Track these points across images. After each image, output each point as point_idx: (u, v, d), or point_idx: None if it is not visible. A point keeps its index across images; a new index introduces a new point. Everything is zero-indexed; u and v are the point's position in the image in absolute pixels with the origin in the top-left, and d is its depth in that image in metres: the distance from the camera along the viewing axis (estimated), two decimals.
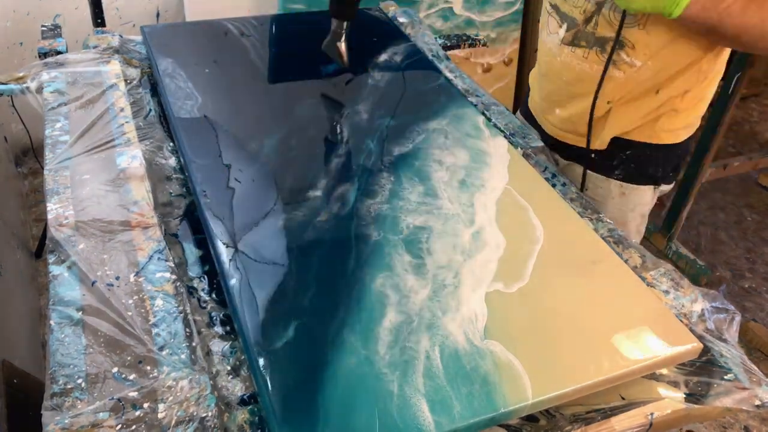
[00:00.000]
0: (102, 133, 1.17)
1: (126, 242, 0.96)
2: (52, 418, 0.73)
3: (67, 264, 0.91)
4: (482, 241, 1.00)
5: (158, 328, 0.84)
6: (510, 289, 0.92)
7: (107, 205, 1.02)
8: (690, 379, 0.87)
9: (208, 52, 1.42)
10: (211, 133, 1.17)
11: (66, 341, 0.81)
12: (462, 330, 0.85)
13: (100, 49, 1.42)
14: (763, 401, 0.84)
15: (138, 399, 0.75)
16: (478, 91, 1.48)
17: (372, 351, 0.82)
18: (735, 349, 0.91)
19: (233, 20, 1.56)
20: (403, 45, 1.53)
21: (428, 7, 2.50)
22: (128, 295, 0.88)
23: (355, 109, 1.28)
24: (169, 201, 1.07)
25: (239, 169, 1.09)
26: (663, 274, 1.02)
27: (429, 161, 1.17)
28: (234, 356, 0.84)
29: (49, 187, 1.04)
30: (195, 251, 0.99)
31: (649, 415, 0.82)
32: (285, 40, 1.55)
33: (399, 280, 0.92)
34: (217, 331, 0.87)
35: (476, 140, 1.24)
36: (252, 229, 0.97)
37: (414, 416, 0.75)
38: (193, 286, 0.93)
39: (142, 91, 1.33)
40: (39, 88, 1.28)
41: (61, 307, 0.85)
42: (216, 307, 0.90)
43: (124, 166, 1.10)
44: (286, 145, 1.17)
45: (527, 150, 1.27)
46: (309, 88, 1.36)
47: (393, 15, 1.74)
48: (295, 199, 1.05)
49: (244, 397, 0.80)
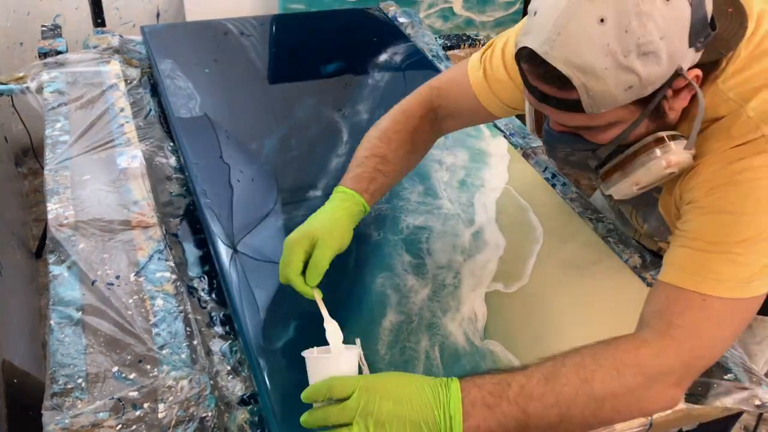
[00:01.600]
0: (102, 133, 1.17)
1: (126, 242, 0.96)
2: (52, 418, 0.73)
3: (67, 264, 0.91)
4: (482, 241, 1.00)
5: (158, 328, 0.84)
6: (510, 289, 0.92)
7: (107, 205, 1.02)
8: None
9: (208, 52, 1.42)
10: (211, 133, 1.17)
11: (66, 341, 0.81)
12: (462, 330, 0.85)
13: (100, 49, 1.42)
14: (763, 401, 0.84)
15: (138, 399, 0.75)
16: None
17: (372, 351, 0.82)
18: (735, 349, 0.91)
19: (233, 20, 1.56)
20: (403, 45, 1.53)
21: (428, 7, 2.50)
22: (128, 295, 0.88)
23: (356, 109, 1.28)
24: (169, 201, 1.07)
25: (239, 169, 1.09)
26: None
27: (429, 161, 1.17)
28: (234, 356, 0.84)
29: (49, 187, 1.04)
30: (195, 251, 0.99)
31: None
32: (285, 40, 1.55)
33: (399, 280, 0.92)
34: (217, 331, 0.87)
35: (476, 140, 1.24)
36: (252, 229, 0.97)
37: None
38: (193, 286, 0.93)
39: (142, 91, 1.33)
40: (39, 88, 1.28)
41: (61, 307, 0.85)
42: (216, 307, 0.90)
43: (124, 166, 1.10)
44: (286, 145, 1.17)
45: (527, 150, 1.27)
46: (309, 88, 1.36)
47: (393, 15, 1.74)
48: (295, 199, 1.05)
49: (244, 397, 0.80)
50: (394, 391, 0.66)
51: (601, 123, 0.72)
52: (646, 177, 0.77)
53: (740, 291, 0.70)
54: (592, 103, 0.68)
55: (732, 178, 0.71)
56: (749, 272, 0.69)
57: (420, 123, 0.95)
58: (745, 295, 0.70)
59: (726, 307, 0.70)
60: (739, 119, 0.72)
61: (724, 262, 0.70)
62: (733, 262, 0.70)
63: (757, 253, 0.69)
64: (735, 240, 0.70)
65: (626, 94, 0.67)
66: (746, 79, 0.73)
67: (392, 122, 0.95)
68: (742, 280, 0.70)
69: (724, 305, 0.70)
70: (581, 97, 0.68)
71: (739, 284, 0.70)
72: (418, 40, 1.62)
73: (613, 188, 0.81)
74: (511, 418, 0.66)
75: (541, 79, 0.70)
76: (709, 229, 0.72)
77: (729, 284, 0.70)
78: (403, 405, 0.65)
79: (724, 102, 0.73)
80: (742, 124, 0.71)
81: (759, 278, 0.70)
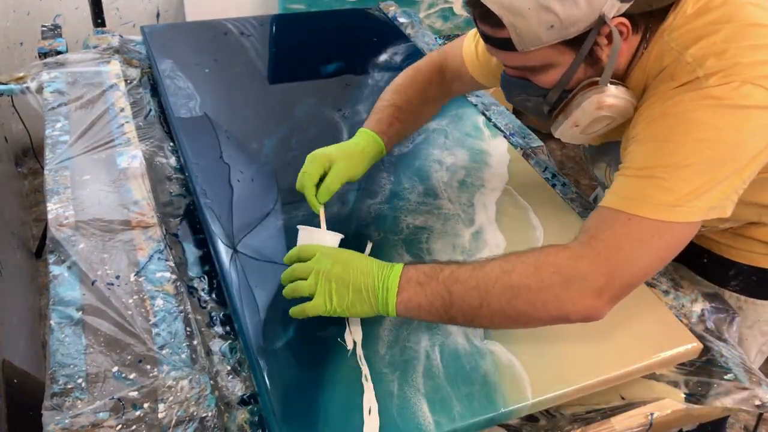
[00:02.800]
0: (102, 133, 1.17)
1: (126, 242, 0.96)
2: (52, 418, 0.73)
3: (67, 264, 0.91)
4: (482, 241, 1.00)
5: (158, 328, 0.84)
6: None
7: (107, 205, 1.02)
8: (690, 379, 0.87)
9: (208, 52, 1.42)
10: (211, 133, 1.17)
11: (66, 341, 0.81)
12: (462, 330, 0.85)
13: (100, 49, 1.42)
14: (763, 401, 0.84)
15: (138, 399, 0.75)
16: (478, 91, 1.48)
17: (372, 351, 0.82)
18: (735, 349, 0.91)
19: (233, 20, 1.56)
20: (403, 45, 1.53)
21: (428, 7, 2.50)
22: (128, 295, 0.88)
23: (356, 109, 1.28)
24: (169, 201, 1.07)
25: (239, 169, 1.09)
26: (663, 274, 1.02)
27: (429, 161, 1.17)
28: (234, 356, 0.84)
29: (49, 187, 1.04)
30: (195, 251, 0.99)
31: (649, 415, 0.82)
32: (285, 40, 1.55)
33: None
34: (217, 331, 0.87)
35: (476, 140, 1.24)
36: (252, 229, 0.97)
37: (414, 416, 0.75)
38: (193, 286, 0.93)
39: (142, 91, 1.33)
40: (39, 88, 1.28)
41: (61, 307, 0.85)
42: (216, 307, 0.90)
43: (124, 166, 1.10)
44: (286, 145, 1.17)
45: (527, 150, 1.27)
46: (309, 88, 1.36)
47: (393, 15, 1.74)
48: (295, 199, 1.05)
49: (244, 397, 0.80)
50: (346, 260, 0.80)
51: (536, 63, 0.81)
52: (582, 117, 0.84)
53: (664, 213, 0.74)
54: (520, 41, 0.77)
55: (665, 111, 0.76)
56: (673, 196, 0.74)
57: (430, 80, 1.09)
58: (668, 218, 0.74)
59: (648, 226, 0.74)
60: (679, 64, 0.77)
61: (650, 186, 0.75)
62: (657, 186, 0.74)
63: (680, 178, 0.74)
64: (660, 165, 0.74)
65: (549, 33, 0.75)
66: (688, 30, 0.78)
67: (405, 78, 1.09)
68: (665, 203, 0.74)
69: (646, 225, 0.74)
70: (511, 36, 0.76)
71: (662, 206, 0.74)
72: (418, 40, 1.62)
73: (558, 130, 0.89)
74: (438, 296, 0.76)
75: (480, 20, 0.79)
76: (640, 157, 0.77)
77: (652, 206, 0.74)
78: (350, 271, 0.78)
79: (668, 52, 0.79)
80: (681, 69, 0.77)
81: (684, 204, 0.74)
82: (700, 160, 0.73)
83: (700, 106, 0.74)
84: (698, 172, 0.73)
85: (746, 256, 1.01)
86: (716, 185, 0.74)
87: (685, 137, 0.74)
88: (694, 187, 0.73)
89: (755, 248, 1.00)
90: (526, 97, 0.88)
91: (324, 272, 0.78)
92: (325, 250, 0.81)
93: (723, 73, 0.74)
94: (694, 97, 0.75)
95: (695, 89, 0.75)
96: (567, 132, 0.88)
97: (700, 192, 0.73)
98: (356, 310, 0.78)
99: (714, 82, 0.73)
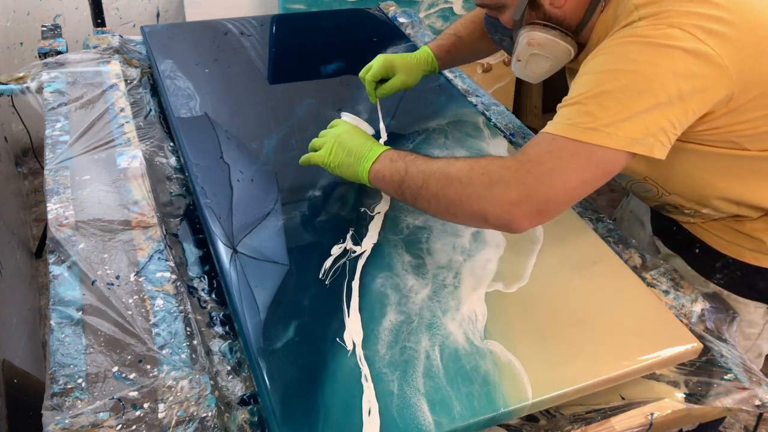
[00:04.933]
0: (102, 133, 1.17)
1: (126, 242, 0.96)
2: (52, 418, 0.73)
3: (67, 264, 0.91)
4: (482, 241, 1.00)
5: (158, 328, 0.84)
6: (510, 289, 0.92)
7: (107, 205, 1.02)
8: (690, 379, 0.87)
9: (208, 52, 1.42)
10: (211, 133, 1.17)
11: (66, 341, 0.81)
12: (462, 330, 0.85)
13: (100, 49, 1.42)
14: (763, 401, 0.84)
15: (138, 399, 0.75)
16: (478, 91, 1.48)
17: (372, 351, 0.82)
18: (735, 349, 0.91)
19: (233, 20, 1.56)
20: (403, 45, 1.53)
21: (428, 7, 2.50)
22: (128, 295, 0.88)
23: (356, 109, 1.28)
24: (169, 201, 1.07)
25: (239, 169, 1.09)
26: (663, 274, 1.02)
27: None
28: (234, 356, 0.84)
29: (49, 187, 1.04)
30: (195, 251, 0.99)
31: (649, 415, 0.82)
32: (285, 40, 1.55)
33: (399, 280, 0.92)
34: (217, 331, 0.87)
35: (476, 140, 1.24)
36: (252, 229, 0.97)
37: (414, 416, 0.75)
38: (193, 286, 0.93)
39: (142, 91, 1.33)
40: (39, 88, 1.28)
41: (61, 307, 0.85)
42: (216, 307, 0.90)
43: (124, 166, 1.10)
44: (286, 145, 1.17)
45: None
46: (309, 88, 1.36)
47: (393, 15, 1.74)
48: (295, 199, 1.05)
49: (244, 397, 0.80)
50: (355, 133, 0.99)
51: (492, 3, 0.97)
52: (521, 52, 0.98)
53: (582, 135, 0.80)
54: None
55: (604, 49, 0.84)
56: (592, 120, 0.79)
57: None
58: (587, 139, 0.79)
59: (568, 146, 0.80)
60: (625, 10, 0.86)
61: (574, 112, 0.82)
62: (579, 111, 0.81)
63: (598, 104, 0.80)
64: (587, 94, 0.81)
65: None
66: None
67: (475, 14, 1.24)
68: (583, 126, 0.80)
69: (566, 144, 0.80)
70: None
71: (580, 128, 0.80)
72: (418, 40, 1.62)
73: (512, 65, 1.03)
74: (397, 172, 0.91)
75: None
76: (573, 88, 0.84)
77: (572, 127, 0.80)
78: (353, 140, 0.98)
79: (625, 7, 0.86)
80: (623, 10, 0.86)
81: (601, 129, 0.79)
82: (616, 87, 0.79)
83: (626, 41, 0.82)
84: (615, 99, 0.79)
85: (734, 249, 1.03)
86: (634, 115, 0.78)
87: (607, 67, 0.82)
88: (611, 113, 0.79)
89: (744, 242, 1.02)
90: (501, 37, 1.04)
91: (335, 134, 0.99)
92: (347, 125, 1.01)
93: (655, 17, 0.81)
94: (624, 34, 0.83)
95: (628, 28, 0.83)
96: (516, 67, 1.02)
97: (617, 118, 0.78)
98: (343, 171, 0.97)
99: (644, 23, 0.81)
